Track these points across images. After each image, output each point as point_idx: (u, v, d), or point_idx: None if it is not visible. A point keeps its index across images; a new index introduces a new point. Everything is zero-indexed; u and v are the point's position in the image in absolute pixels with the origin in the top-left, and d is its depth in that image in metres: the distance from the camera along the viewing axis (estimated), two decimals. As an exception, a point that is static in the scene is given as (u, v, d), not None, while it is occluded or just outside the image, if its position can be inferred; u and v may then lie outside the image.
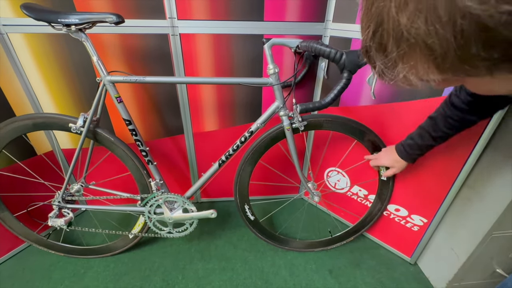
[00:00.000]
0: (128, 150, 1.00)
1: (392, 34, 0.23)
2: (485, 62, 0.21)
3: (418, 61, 0.24)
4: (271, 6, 1.03)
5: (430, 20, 0.20)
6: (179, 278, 1.12)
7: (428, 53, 0.22)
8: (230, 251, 1.25)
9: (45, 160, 1.22)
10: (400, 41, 0.23)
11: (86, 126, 0.92)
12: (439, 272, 1.07)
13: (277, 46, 1.07)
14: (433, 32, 0.21)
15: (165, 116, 1.25)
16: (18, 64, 1.04)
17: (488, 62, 0.21)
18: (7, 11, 0.95)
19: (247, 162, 1.07)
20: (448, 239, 1.03)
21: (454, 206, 0.99)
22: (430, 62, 0.23)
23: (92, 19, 0.78)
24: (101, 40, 1.03)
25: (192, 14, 1.02)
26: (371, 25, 0.25)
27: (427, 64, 0.23)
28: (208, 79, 1.07)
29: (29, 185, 1.16)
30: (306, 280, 1.12)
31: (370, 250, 1.28)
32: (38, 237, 1.17)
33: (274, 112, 0.95)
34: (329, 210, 1.49)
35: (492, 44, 0.19)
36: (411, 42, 0.22)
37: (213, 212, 1.11)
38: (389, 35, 0.24)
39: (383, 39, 0.24)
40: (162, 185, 1.09)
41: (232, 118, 1.28)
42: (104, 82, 0.89)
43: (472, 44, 0.20)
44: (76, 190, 1.09)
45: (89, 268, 1.15)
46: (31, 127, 0.95)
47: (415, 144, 0.87)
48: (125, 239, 1.20)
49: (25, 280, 1.09)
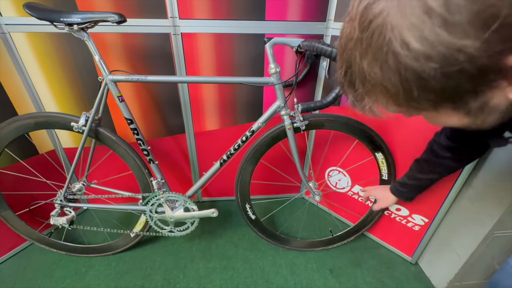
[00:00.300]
0: (129, 149, 1.01)
1: (358, 76, 0.29)
2: (427, 101, 0.27)
3: (379, 97, 0.30)
4: (273, 6, 1.03)
5: (384, 68, 0.26)
6: (180, 277, 1.12)
7: (385, 92, 0.28)
8: (231, 250, 1.25)
9: (47, 159, 1.22)
10: (364, 81, 0.29)
11: (88, 125, 0.92)
12: (440, 272, 1.07)
13: (279, 46, 1.07)
14: (386, 78, 0.27)
15: (167, 115, 1.25)
16: (21, 63, 1.04)
17: (429, 102, 0.27)
18: (10, 10, 0.95)
19: (248, 161, 1.07)
20: (449, 239, 1.03)
21: (455, 205, 0.99)
22: (388, 98, 0.29)
23: (94, 18, 0.79)
24: (103, 39, 1.03)
25: (194, 14, 1.02)
26: (343, 66, 0.31)
27: (386, 100, 0.30)
28: (210, 79, 1.07)
29: (31, 184, 1.16)
30: (307, 279, 1.12)
31: (371, 249, 1.28)
32: (40, 236, 1.17)
33: (275, 111, 0.96)
34: (330, 210, 1.49)
35: (427, 89, 0.26)
36: (372, 83, 0.28)
37: (214, 211, 1.11)
38: (356, 76, 0.30)
39: (352, 78, 0.31)
40: (164, 184, 1.09)
41: (233, 117, 1.29)
42: (106, 81, 0.89)
43: (414, 89, 0.26)
44: (78, 189, 1.10)
45: (90, 267, 1.16)
46: (33, 126, 0.95)
47: (404, 183, 0.90)
48: (126, 238, 1.20)
49: (27, 279, 1.10)
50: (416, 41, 0.23)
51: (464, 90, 0.25)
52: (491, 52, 0.22)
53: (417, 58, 0.24)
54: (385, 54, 0.25)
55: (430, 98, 0.27)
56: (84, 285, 1.08)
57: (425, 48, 0.23)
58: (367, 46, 0.27)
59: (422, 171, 0.83)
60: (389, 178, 1.10)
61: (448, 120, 0.32)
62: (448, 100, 0.27)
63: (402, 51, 0.24)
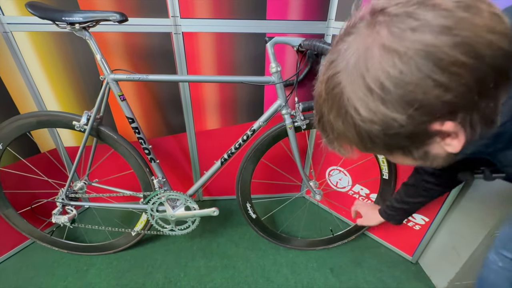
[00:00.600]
0: (131, 148, 1.01)
1: (327, 125, 0.37)
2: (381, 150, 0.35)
3: (345, 143, 0.37)
4: (274, 5, 1.04)
5: (345, 123, 0.34)
6: (181, 275, 1.12)
7: (348, 140, 0.36)
8: (232, 249, 1.26)
9: (49, 158, 1.23)
10: (332, 130, 0.36)
11: (90, 124, 0.93)
12: (440, 271, 1.07)
13: (280, 45, 1.07)
14: (347, 130, 0.34)
15: (168, 114, 1.25)
16: (23, 62, 1.05)
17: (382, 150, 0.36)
18: (12, 9, 0.95)
19: (249, 160, 1.07)
20: (450, 238, 1.03)
21: (456, 205, 0.99)
22: (351, 145, 0.37)
23: (96, 18, 0.79)
24: (104, 39, 1.03)
25: (195, 13, 1.02)
26: (317, 116, 0.38)
27: (350, 145, 0.37)
28: (211, 78, 1.07)
29: (33, 183, 1.17)
30: (308, 278, 1.13)
31: (372, 249, 1.28)
32: (41, 234, 1.18)
33: (276, 110, 0.96)
34: (330, 209, 1.49)
35: (376, 143, 0.33)
36: (338, 132, 0.36)
37: (215, 210, 1.11)
38: (326, 125, 0.37)
39: (323, 126, 0.38)
40: (165, 183, 1.09)
41: (234, 116, 1.29)
42: (108, 80, 0.89)
43: (367, 142, 0.34)
44: (80, 188, 1.10)
45: (92, 265, 1.16)
46: (35, 124, 0.96)
47: (393, 206, 0.91)
48: (127, 236, 1.21)
49: (28, 277, 1.10)
50: (364, 110, 0.31)
51: (404, 145, 0.34)
52: (415, 123, 0.30)
53: (364, 121, 0.31)
54: (344, 113, 0.33)
55: (381, 149, 0.35)
56: (85, 283, 1.09)
57: (370, 115, 0.31)
58: (331, 104, 0.34)
59: (410, 195, 0.85)
60: (389, 178, 1.10)
61: (404, 162, 0.39)
62: (395, 150, 0.35)
63: (355, 115, 0.32)
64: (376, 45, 0.29)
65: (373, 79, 0.29)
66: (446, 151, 0.34)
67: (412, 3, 0.28)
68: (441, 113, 0.29)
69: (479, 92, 0.28)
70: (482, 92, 0.28)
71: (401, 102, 0.29)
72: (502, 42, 0.27)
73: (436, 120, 0.30)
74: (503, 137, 0.34)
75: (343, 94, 0.32)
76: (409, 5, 0.28)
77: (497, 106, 0.31)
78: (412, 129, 0.30)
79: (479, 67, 0.27)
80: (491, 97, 0.29)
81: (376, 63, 0.29)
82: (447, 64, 0.27)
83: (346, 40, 0.32)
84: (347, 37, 0.32)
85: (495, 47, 0.27)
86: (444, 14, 0.27)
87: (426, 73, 0.27)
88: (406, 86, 0.28)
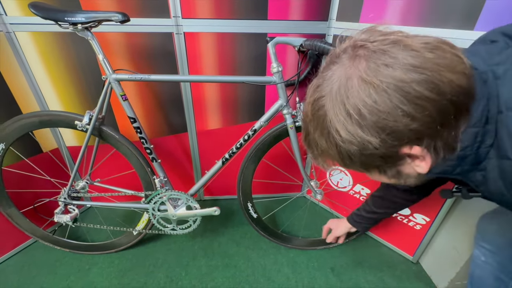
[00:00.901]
0: (132, 148, 1.01)
1: (313, 142, 0.41)
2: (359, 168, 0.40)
3: (328, 159, 0.42)
4: (275, 5, 1.04)
5: (327, 142, 0.37)
6: (183, 274, 1.13)
7: (330, 157, 0.40)
8: (233, 249, 1.26)
9: (51, 157, 1.23)
10: (317, 147, 0.40)
11: (92, 123, 0.93)
12: (441, 271, 1.08)
13: (281, 45, 1.07)
14: (329, 149, 0.38)
15: (169, 114, 1.26)
16: (25, 62, 1.05)
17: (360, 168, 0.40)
18: (15, 9, 0.96)
19: (250, 160, 1.07)
20: (451, 238, 1.03)
21: (457, 204, 0.99)
22: (334, 161, 0.41)
23: (98, 18, 0.79)
24: (106, 39, 1.04)
25: (197, 13, 1.03)
26: (304, 133, 0.42)
27: (332, 162, 0.41)
28: (212, 78, 1.08)
29: (35, 182, 1.18)
30: (308, 277, 1.13)
31: (372, 248, 1.28)
32: (44, 233, 1.19)
33: (277, 110, 0.96)
34: (331, 209, 1.49)
35: (354, 161, 0.37)
36: (321, 149, 0.40)
37: (216, 209, 1.11)
38: (311, 142, 0.41)
39: (309, 143, 0.42)
40: (166, 182, 1.10)
41: (235, 116, 1.29)
42: (110, 80, 0.90)
43: (346, 160, 0.38)
44: (82, 187, 1.11)
45: (94, 264, 1.17)
46: (37, 124, 0.96)
47: (362, 215, 0.93)
48: (129, 235, 1.21)
49: (31, 276, 1.11)
50: (343, 132, 0.34)
51: (379, 165, 0.38)
52: (387, 146, 0.34)
53: (344, 142, 0.35)
54: (327, 133, 0.37)
55: (358, 166, 0.39)
56: (87, 282, 1.09)
57: (349, 136, 0.34)
58: (316, 125, 0.38)
59: (378, 206, 0.88)
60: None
61: (381, 179, 0.44)
62: (372, 168, 0.40)
63: (336, 136, 0.35)
64: (355, 76, 0.33)
65: (352, 105, 0.33)
66: (416, 172, 0.39)
67: (388, 42, 0.33)
68: (409, 139, 0.33)
69: (441, 122, 0.33)
70: (444, 123, 0.33)
71: (375, 127, 0.33)
72: (461, 81, 0.32)
73: (405, 145, 0.34)
74: (467, 160, 0.38)
75: (326, 116, 0.36)
76: (385, 43, 0.33)
77: (457, 135, 0.35)
78: (385, 151, 0.35)
79: (441, 101, 0.31)
80: (452, 127, 0.34)
81: (355, 92, 0.33)
82: (413, 98, 0.31)
83: (331, 68, 0.36)
84: (332, 66, 0.36)
85: (455, 85, 0.31)
86: (413, 54, 0.31)
87: (396, 103, 0.31)
88: (379, 114, 0.32)
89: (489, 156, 0.37)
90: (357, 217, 0.95)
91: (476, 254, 0.72)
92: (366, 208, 0.91)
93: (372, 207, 0.89)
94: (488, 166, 0.38)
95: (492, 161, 0.37)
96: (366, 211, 0.91)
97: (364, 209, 0.92)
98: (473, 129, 0.35)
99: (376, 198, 0.88)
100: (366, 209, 0.91)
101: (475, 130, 0.35)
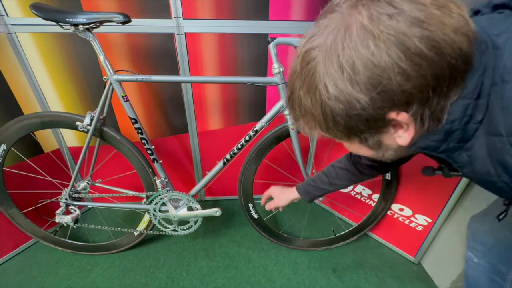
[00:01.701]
0: (133, 149, 1.01)
1: (297, 101, 0.37)
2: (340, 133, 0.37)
3: (310, 121, 0.38)
4: (276, 5, 1.04)
5: (313, 100, 0.35)
6: (184, 275, 1.13)
7: (313, 118, 0.37)
8: (234, 249, 1.26)
9: (53, 158, 1.23)
10: (300, 107, 0.37)
11: (93, 124, 0.93)
12: (443, 272, 1.07)
13: (282, 45, 1.06)
14: (314, 107, 0.35)
15: (170, 114, 1.26)
16: (26, 63, 1.05)
17: (341, 133, 0.37)
18: (16, 10, 0.96)
19: (251, 160, 1.07)
20: (452, 239, 1.02)
21: (459, 205, 0.99)
22: (315, 124, 0.38)
23: (99, 19, 0.79)
24: (108, 40, 1.04)
25: (198, 14, 1.03)
26: (289, 92, 0.39)
27: (314, 124, 0.38)
28: (213, 78, 1.07)
29: (36, 183, 1.18)
30: (310, 278, 1.13)
31: (374, 249, 1.28)
32: (45, 234, 1.19)
33: (278, 111, 0.96)
34: (332, 209, 1.49)
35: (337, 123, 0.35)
36: (305, 109, 0.37)
37: (217, 210, 1.11)
38: (295, 101, 0.38)
39: (293, 103, 0.39)
40: (167, 183, 1.09)
41: (236, 117, 1.29)
42: (111, 81, 0.90)
43: (329, 121, 0.35)
44: (83, 188, 1.11)
45: (95, 265, 1.17)
46: (39, 125, 0.96)
47: (317, 187, 0.90)
48: (130, 236, 1.21)
49: (32, 276, 1.11)
50: (332, 87, 0.32)
51: (361, 129, 0.36)
52: (376, 107, 0.32)
53: (331, 98, 0.33)
54: (314, 89, 0.34)
55: (340, 131, 0.37)
56: (88, 282, 1.09)
57: (337, 93, 0.32)
58: (304, 79, 0.35)
59: (340, 178, 0.85)
60: (392, 178, 1.09)
61: (360, 150, 0.43)
62: (353, 135, 0.37)
63: (323, 92, 0.33)
64: (354, 26, 0.30)
65: (346, 58, 0.31)
66: (397, 143, 0.37)
67: None
68: (399, 101, 0.31)
69: (433, 88, 0.31)
70: (436, 89, 0.32)
71: (367, 83, 0.30)
72: (463, 44, 0.30)
73: (393, 109, 0.32)
74: (453, 136, 0.37)
75: (316, 69, 0.33)
76: None
77: (445, 106, 0.34)
78: (372, 113, 0.32)
79: (439, 63, 0.30)
80: (442, 96, 0.33)
81: (352, 43, 0.30)
82: (412, 55, 0.29)
83: (328, 17, 0.33)
84: (330, 14, 0.33)
85: (456, 47, 0.30)
86: (419, 8, 0.29)
87: (394, 59, 0.29)
88: (374, 68, 0.30)
89: (476, 134, 0.36)
90: (310, 187, 0.92)
91: (469, 255, 0.72)
92: (324, 180, 0.88)
93: (334, 179, 0.86)
94: (475, 145, 0.37)
95: (480, 139, 0.36)
96: (324, 182, 0.88)
97: (322, 180, 0.89)
98: (464, 101, 0.34)
99: (341, 169, 0.84)
100: (323, 180, 0.88)
101: (466, 102, 0.34)
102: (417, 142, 0.38)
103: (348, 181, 0.84)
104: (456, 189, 0.95)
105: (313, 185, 0.91)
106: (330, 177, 0.87)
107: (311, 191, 0.92)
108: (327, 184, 0.87)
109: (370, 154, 0.43)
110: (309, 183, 0.92)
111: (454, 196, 0.97)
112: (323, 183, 0.88)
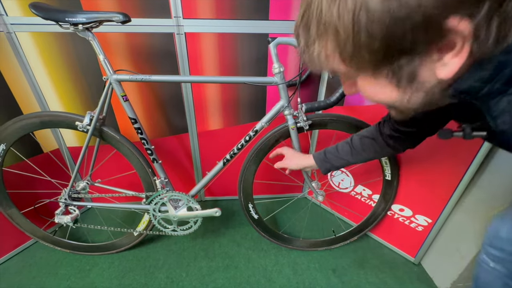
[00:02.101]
0: (133, 149, 1.01)
1: (315, 16, 0.30)
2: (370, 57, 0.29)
3: (329, 43, 0.31)
4: (277, 5, 1.03)
5: (341, 8, 0.27)
6: (183, 275, 1.13)
7: (335, 37, 0.29)
8: (234, 249, 1.26)
9: (52, 158, 1.23)
10: (319, 23, 0.30)
11: (93, 124, 0.93)
12: (443, 272, 1.07)
13: (282, 45, 1.07)
14: (341, 18, 0.27)
15: (170, 114, 1.25)
16: (26, 63, 1.05)
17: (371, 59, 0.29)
18: (15, 10, 0.96)
19: (251, 161, 1.07)
20: (453, 240, 1.02)
21: (460, 206, 0.98)
22: (336, 46, 0.30)
23: (99, 18, 0.79)
24: (107, 39, 1.04)
25: (198, 13, 1.02)
26: (303, 8, 0.32)
27: (333, 47, 0.30)
28: (213, 78, 1.07)
29: (36, 183, 1.18)
30: (310, 279, 1.13)
31: (374, 249, 1.27)
32: (44, 234, 1.18)
33: (279, 111, 0.96)
34: (332, 210, 1.49)
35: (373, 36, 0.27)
36: (327, 25, 0.29)
37: (217, 210, 1.11)
38: (313, 17, 0.30)
39: (308, 20, 0.31)
40: (167, 183, 1.09)
41: (236, 117, 1.29)
42: (111, 81, 0.89)
43: (362, 34, 0.27)
44: (82, 188, 1.10)
45: (94, 265, 1.16)
46: (38, 125, 0.96)
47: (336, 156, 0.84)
48: (130, 236, 1.21)
49: (31, 276, 1.11)
50: None
51: (401, 48, 0.28)
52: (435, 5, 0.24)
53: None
54: None
55: (370, 54, 0.29)
56: (88, 283, 1.09)
57: None
58: None
59: (365, 148, 0.79)
60: (392, 179, 1.09)
61: (381, 92, 0.34)
62: (386, 61, 0.29)
63: None
64: None
65: None
66: (437, 77, 0.30)
67: None
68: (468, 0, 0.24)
69: None
70: None
71: None
72: None
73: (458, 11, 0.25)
74: (504, 72, 0.29)
75: None
76: None
77: None
78: (429, 16, 0.25)
79: None
80: None
81: None
82: None
83: None
84: None
85: None
86: None
87: None
88: None
89: None
90: (331, 155, 0.85)
91: (484, 259, 0.69)
92: (346, 149, 0.82)
93: (358, 149, 0.80)
94: None
95: None
96: (346, 152, 0.82)
97: (344, 149, 0.82)
98: None
99: (367, 138, 0.78)
100: (346, 149, 0.82)
101: None
102: (459, 82, 0.31)
103: (373, 152, 0.79)
104: (457, 190, 0.95)
105: (334, 153, 0.84)
106: (354, 147, 0.81)
107: (331, 160, 0.84)
108: (349, 154, 0.81)
109: (394, 96, 0.34)
110: (330, 150, 0.85)
111: (455, 197, 0.97)
112: (345, 153, 0.82)
